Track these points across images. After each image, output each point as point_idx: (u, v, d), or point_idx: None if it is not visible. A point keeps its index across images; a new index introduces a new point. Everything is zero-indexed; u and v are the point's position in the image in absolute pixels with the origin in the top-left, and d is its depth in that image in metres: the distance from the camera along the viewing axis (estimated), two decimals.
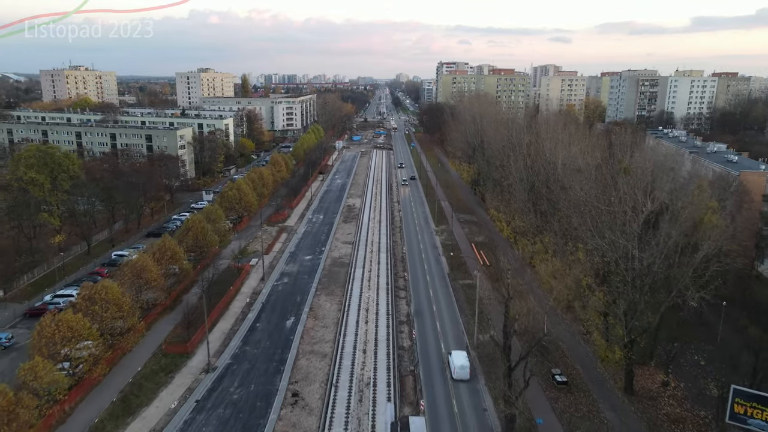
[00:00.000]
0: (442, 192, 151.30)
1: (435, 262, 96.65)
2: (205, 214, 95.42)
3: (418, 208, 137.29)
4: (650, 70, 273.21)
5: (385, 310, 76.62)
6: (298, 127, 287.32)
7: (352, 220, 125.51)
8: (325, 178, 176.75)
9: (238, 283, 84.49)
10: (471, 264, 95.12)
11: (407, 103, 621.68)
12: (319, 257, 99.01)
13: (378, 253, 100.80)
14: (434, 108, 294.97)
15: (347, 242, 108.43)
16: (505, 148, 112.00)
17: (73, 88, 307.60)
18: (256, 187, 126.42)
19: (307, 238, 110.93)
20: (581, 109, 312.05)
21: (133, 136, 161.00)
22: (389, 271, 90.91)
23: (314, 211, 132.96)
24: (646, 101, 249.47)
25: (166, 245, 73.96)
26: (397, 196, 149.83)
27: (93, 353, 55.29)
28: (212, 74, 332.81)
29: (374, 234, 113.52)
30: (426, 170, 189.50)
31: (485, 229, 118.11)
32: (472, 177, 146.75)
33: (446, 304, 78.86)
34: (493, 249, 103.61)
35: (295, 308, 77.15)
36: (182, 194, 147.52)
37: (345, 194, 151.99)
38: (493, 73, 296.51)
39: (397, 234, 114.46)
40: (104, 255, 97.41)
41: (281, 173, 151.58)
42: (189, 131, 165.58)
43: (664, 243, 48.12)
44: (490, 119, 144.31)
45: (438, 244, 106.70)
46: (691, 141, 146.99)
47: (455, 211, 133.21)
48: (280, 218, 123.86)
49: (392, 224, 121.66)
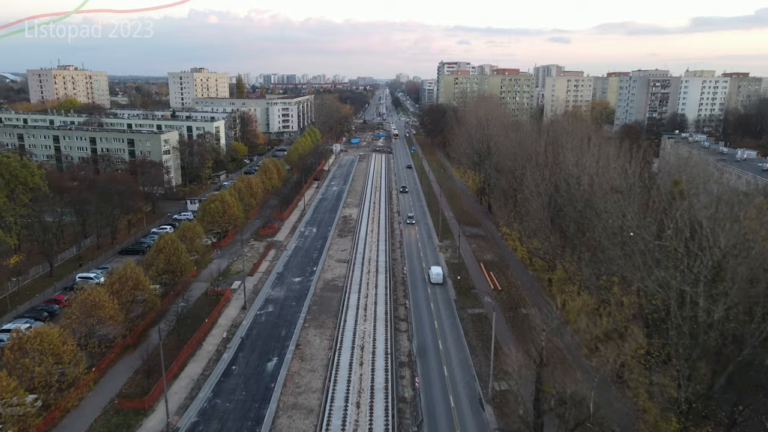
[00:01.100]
0: (446, 201, 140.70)
1: (440, 287, 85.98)
2: (180, 231, 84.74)
3: (420, 219, 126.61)
4: (661, 71, 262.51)
5: (383, 347, 65.96)
6: (294, 129, 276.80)
7: (347, 233, 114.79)
8: (320, 184, 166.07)
9: (215, 313, 73.82)
10: (480, 287, 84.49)
11: (407, 103, 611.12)
12: (310, 279, 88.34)
13: (376, 275, 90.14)
14: (436, 109, 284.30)
15: (342, 260, 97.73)
16: (518, 156, 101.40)
17: (62, 89, 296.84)
18: (244, 197, 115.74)
19: (297, 256, 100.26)
20: (588, 111, 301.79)
21: (114, 140, 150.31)
22: (388, 298, 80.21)
23: (307, 223, 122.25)
24: (657, 103, 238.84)
25: (128, 273, 63.29)
26: (397, 206, 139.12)
27: (28, 411, 44.68)
28: (206, 74, 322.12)
29: (372, 250, 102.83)
30: (428, 176, 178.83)
31: (494, 245, 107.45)
32: (478, 185, 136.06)
33: (454, 340, 68.17)
34: (505, 270, 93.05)
35: (278, 345, 66.47)
36: (166, 203, 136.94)
37: (341, 203, 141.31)
38: (497, 73, 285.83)
39: (397, 251, 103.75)
40: (69, 277, 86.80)
41: (272, 181, 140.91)
42: (174, 135, 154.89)
43: (740, 290, 37.50)
44: (498, 123, 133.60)
45: (443, 263, 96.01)
46: (716, 146, 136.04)
47: (460, 223, 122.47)
48: (269, 232, 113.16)
49: (392, 238, 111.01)
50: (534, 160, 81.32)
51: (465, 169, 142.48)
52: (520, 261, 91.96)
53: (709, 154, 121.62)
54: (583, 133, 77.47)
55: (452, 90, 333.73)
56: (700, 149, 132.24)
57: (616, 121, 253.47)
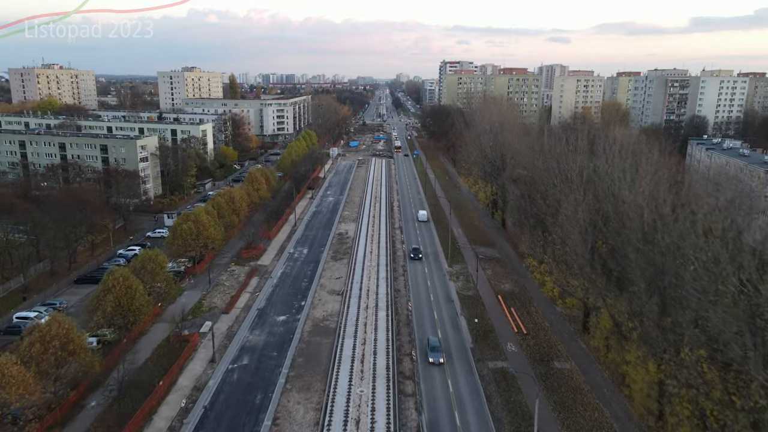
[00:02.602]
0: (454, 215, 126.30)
1: (452, 327, 71.53)
2: (140, 261, 70.17)
3: (426, 237, 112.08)
4: (680, 70, 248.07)
5: (385, 421, 51.54)
6: (290, 132, 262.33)
7: (343, 256, 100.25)
8: (314, 194, 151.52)
9: (175, 369, 59.35)
10: (501, 330, 70.14)
11: (408, 104, 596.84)
12: (297, 318, 73.85)
13: (375, 312, 75.62)
14: (439, 110, 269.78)
15: (335, 292, 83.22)
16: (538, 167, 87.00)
17: (45, 88, 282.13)
18: (224, 214, 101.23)
19: (283, 285, 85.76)
20: (598, 113, 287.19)
21: (85, 146, 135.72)
22: (390, 347, 65.69)
23: (297, 243, 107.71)
24: (675, 104, 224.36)
25: (53, 331, 48.78)
26: (399, 221, 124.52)
27: None
28: (198, 73, 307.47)
29: (371, 278, 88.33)
30: (432, 185, 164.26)
31: (511, 270, 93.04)
32: (490, 198, 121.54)
33: (474, 412, 53.62)
34: (527, 304, 78.65)
35: (251, 419, 51.97)
36: (141, 218, 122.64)
37: (337, 217, 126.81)
38: (503, 72, 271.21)
39: (400, 278, 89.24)
40: (5, 317, 72.29)
41: (260, 192, 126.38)
42: (153, 140, 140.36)
43: None
44: (512, 128, 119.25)
45: (454, 296, 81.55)
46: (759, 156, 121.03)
47: (472, 242, 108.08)
48: (254, 254, 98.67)
49: (393, 261, 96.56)
50: (567, 177, 66.77)
51: (475, 178, 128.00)
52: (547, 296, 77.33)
53: (752, 164, 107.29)
54: (629, 143, 62.82)
55: (455, 90, 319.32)
56: (737, 157, 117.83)
57: (631, 123, 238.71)
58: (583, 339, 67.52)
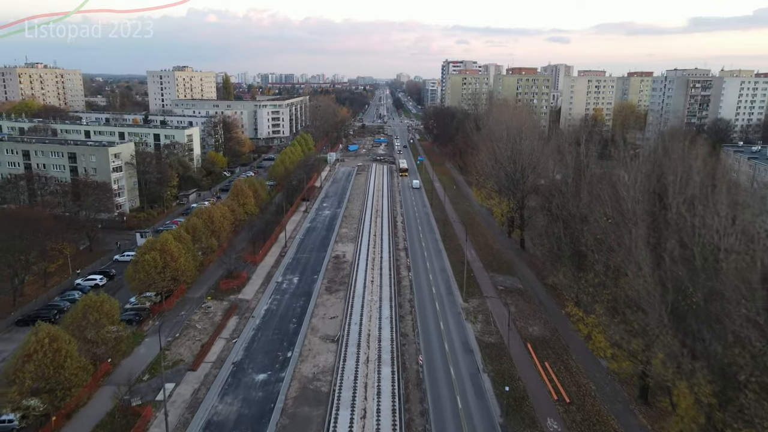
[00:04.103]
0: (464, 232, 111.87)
1: (474, 392, 57.05)
2: (79, 312, 55.55)
3: (435, 262, 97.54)
4: (702, 70, 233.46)
5: None
6: (286, 135, 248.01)
7: (339, 286, 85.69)
8: (309, 206, 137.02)
9: None
10: (536, 396, 55.73)
11: (409, 105, 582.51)
12: (280, 377, 59.38)
13: (378, 367, 61.11)
14: (443, 113, 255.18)
15: (329, 338, 68.70)
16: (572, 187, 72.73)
17: (28, 89, 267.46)
18: (202, 236, 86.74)
19: (267, 328, 71.32)
20: (610, 115, 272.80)
21: (52, 154, 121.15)
22: (398, 422, 51.23)
23: (287, 269, 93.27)
24: (696, 106, 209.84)
25: None
26: (404, 240, 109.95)
27: None
28: (189, 73, 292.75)
29: (372, 318, 73.80)
30: (439, 196, 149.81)
31: (537, 305, 78.61)
32: (507, 215, 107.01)
33: None
34: (564, 356, 64.19)
35: None
36: (115, 236, 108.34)
37: (333, 235, 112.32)
38: (512, 72, 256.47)
39: (408, 319, 74.72)
40: None
41: (247, 206, 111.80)
42: (128, 147, 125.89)
43: None
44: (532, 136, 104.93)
45: (473, 344, 67.07)
46: None
47: (488, 267, 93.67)
48: (235, 284, 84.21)
49: (399, 293, 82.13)
50: (624, 215, 52.18)
51: (489, 191, 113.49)
52: (596, 354, 62.65)
53: None
54: (710, 168, 48.38)
55: (460, 91, 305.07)
56: None
57: (649, 126, 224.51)
58: (643, 412, 53.14)
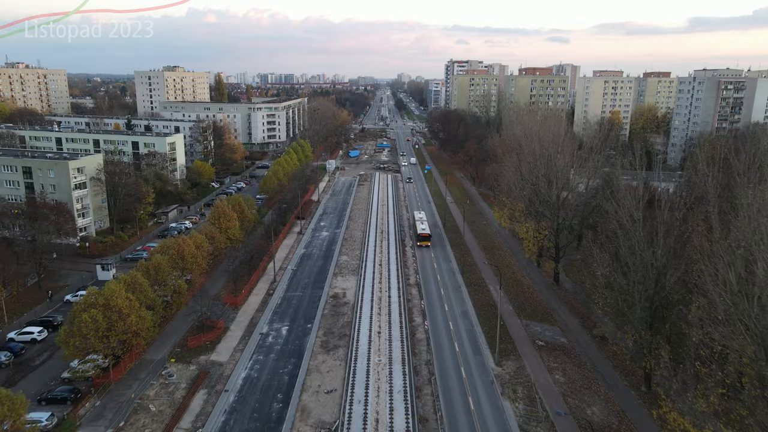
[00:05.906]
0: (486, 263, 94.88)
1: None
2: None
3: (455, 304, 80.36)
4: (734, 70, 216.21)
5: None
6: (282, 140, 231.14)
7: (338, 341, 68.49)
8: (305, 227, 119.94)
9: None
10: None
11: (412, 106, 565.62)
12: None
13: None
14: (450, 116, 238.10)
15: (324, 427, 51.64)
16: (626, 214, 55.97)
17: (7, 90, 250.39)
18: (167, 279, 69.61)
19: (243, 409, 54.24)
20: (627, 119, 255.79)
21: (4, 168, 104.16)
22: None
23: (274, 314, 76.21)
24: (728, 110, 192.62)
25: None
26: (415, 275, 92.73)
27: None
28: (181, 73, 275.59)
29: (380, 392, 56.70)
30: (452, 213, 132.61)
31: (590, 368, 61.67)
32: (538, 243, 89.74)
33: None
34: None
35: None
36: (78, 265, 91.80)
37: (331, 266, 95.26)
38: (526, 73, 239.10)
39: (426, 391, 57.64)
40: None
41: (231, 231, 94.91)
42: (94, 160, 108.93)
43: None
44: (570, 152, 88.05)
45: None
46: None
47: (520, 312, 76.61)
48: (207, 340, 67.14)
49: (413, 353, 65.08)
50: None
51: (513, 212, 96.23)
52: None
53: None
54: None
55: (468, 93, 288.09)
56: None
57: (674, 131, 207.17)
58: None
